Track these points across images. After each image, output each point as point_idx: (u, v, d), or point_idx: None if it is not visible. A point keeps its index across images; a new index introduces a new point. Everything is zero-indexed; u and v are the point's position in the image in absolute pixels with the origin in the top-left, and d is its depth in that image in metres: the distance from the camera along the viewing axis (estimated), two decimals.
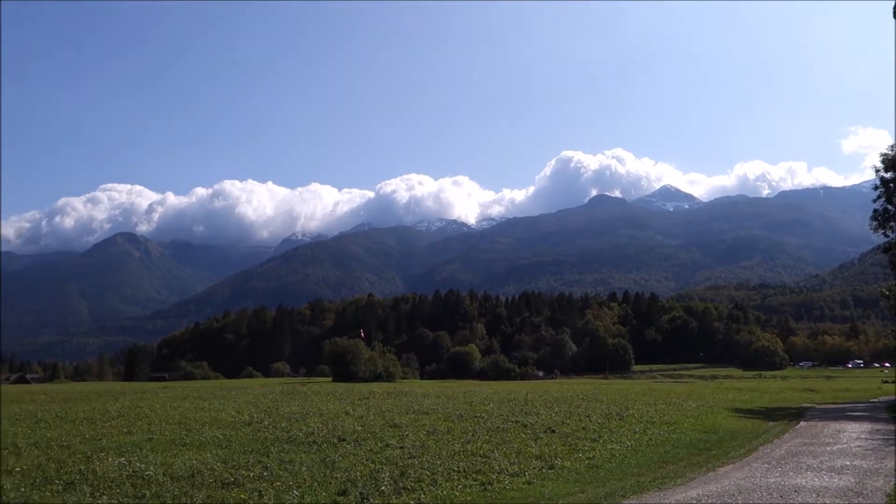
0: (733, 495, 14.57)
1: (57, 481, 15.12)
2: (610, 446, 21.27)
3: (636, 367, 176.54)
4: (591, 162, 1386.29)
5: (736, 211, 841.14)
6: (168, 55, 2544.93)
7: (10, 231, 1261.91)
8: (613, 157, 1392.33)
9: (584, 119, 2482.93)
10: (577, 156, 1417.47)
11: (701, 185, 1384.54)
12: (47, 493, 13.94)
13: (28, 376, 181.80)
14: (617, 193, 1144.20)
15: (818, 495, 14.53)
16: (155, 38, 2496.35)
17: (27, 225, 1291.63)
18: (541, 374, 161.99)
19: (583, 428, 25.80)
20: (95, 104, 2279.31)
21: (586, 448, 20.69)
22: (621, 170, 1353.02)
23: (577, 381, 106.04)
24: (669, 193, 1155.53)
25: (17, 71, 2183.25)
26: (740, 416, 33.44)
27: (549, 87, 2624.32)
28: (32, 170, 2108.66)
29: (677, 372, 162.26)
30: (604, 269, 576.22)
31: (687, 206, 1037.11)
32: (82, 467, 16.60)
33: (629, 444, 22.08)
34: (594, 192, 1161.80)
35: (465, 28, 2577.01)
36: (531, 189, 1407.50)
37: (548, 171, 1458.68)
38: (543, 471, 17.14)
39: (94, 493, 14.06)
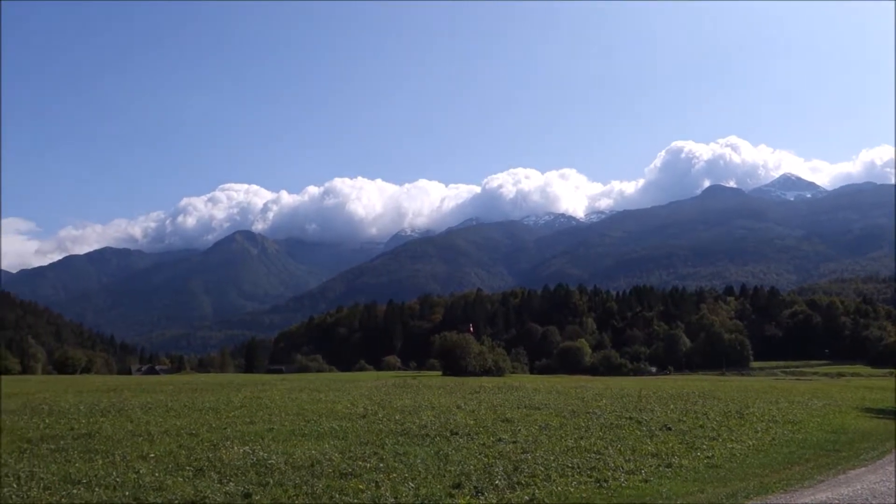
0: (867, 500, 13.77)
1: (187, 468, 15.91)
2: (730, 445, 20.53)
3: (755, 364, 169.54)
4: (703, 151, 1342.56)
5: (862, 199, 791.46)
6: (283, 58, 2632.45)
7: (136, 230, 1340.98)
8: (727, 146, 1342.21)
9: (695, 107, 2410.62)
10: (689, 146, 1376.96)
11: (824, 173, 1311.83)
12: (179, 479, 14.68)
13: (157, 368, 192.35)
14: (732, 184, 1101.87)
15: None
16: (271, 42, 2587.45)
17: (153, 224, 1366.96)
18: (653, 370, 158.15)
19: (700, 426, 25.01)
20: (214, 107, 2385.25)
21: (705, 447, 20.04)
22: (736, 159, 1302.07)
23: (692, 378, 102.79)
24: (789, 182, 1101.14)
25: (141, 74, 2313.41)
26: (871, 417, 31.55)
27: (657, 76, 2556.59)
28: (157, 172, 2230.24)
29: (800, 369, 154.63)
30: (719, 262, 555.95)
31: (809, 195, 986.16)
32: (210, 455, 17.40)
33: (750, 443, 21.24)
34: (707, 183, 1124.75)
35: (569, 19, 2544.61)
36: (641, 181, 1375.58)
37: (658, 162, 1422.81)
38: (660, 469, 16.72)
39: (221, 480, 14.72)
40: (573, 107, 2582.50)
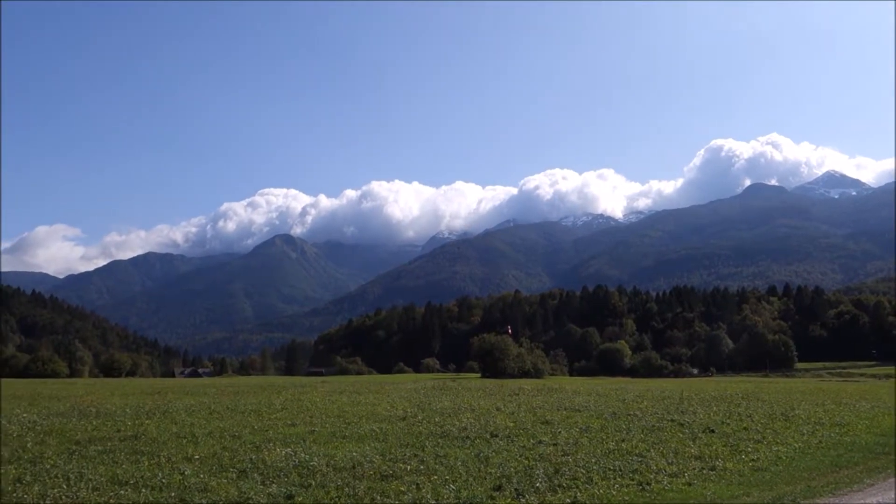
0: None
1: (231, 469, 16.12)
2: (775, 448, 20.16)
3: (800, 365, 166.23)
4: (743, 150, 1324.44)
5: None
6: (320, 64, 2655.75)
7: (178, 235, 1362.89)
8: (768, 144, 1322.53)
9: (734, 105, 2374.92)
10: (729, 144, 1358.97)
11: (869, 170, 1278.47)
12: (223, 480, 14.87)
13: (200, 370, 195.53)
14: (774, 182, 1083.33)
15: None
16: (308, 48, 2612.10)
17: (194, 229, 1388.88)
18: (695, 371, 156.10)
19: (744, 428, 24.62)
20: (253, 114, 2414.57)
21: (749, 449, 19.72)
22: (778, 156, 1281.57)
23: (735, 380, 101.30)
24: (834, 179, 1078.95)
25: (183, 83, 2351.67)
26: None
27: (695, 74, 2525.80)
28: (198, 178, 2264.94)
29: (846, 370, 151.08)
30: (761, 261, 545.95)
31: (854, 193, 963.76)
32: (253, 456, 17.61)
33: (796, 446, 20.84)
34: (748, 182, 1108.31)
35: (603, 18, 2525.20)
36: (679, 181, 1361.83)
37: (697, 161, 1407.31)
38: (704, 472, 16.48)
39: (264, 481, 14.88)
40: (610, 106, 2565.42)
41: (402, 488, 14.25)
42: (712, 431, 23.41)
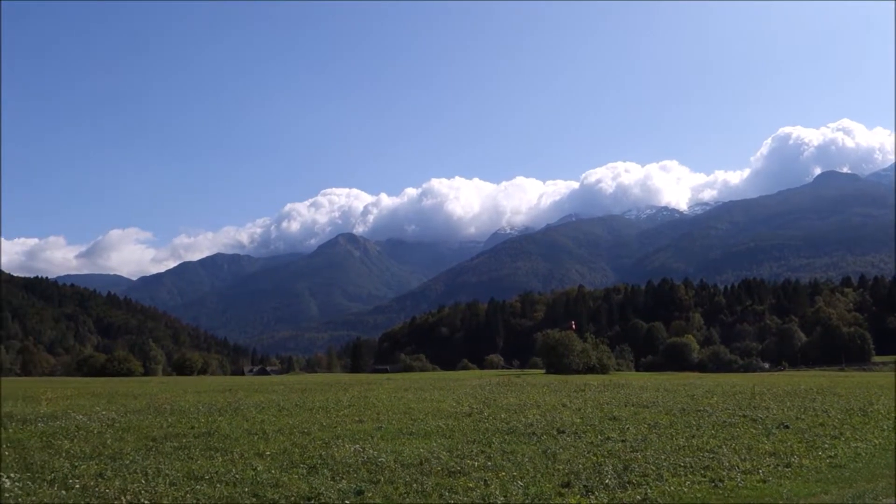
0: None
1: (301, 465, 16.37)
2: (854, 444, 19.48)
3: (877, 359, 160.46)
4: (812, 137, 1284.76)
5: None
6: (377, 64, 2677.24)
7: (244, 236, 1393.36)
8: (839, 130, 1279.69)
9: (802, 91, 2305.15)
10: (797, 131, 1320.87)
11: None
12: (294, 476, 15.13)
13: (268, 368, 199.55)
14: (846, 169, 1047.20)
15: None
16: (368, 49, 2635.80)
17: (259, 230, 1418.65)
18: (766, 365, 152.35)
19: (821, 424, 23.86)
20: (314, 116, 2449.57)
21: (826, 446, 19.10)
22: (850, 143, 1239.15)
23: (808, 374, 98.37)
24: None
25: (245, 89, 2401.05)
26: None
27: (761, 61, 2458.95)
28: (262, 180, 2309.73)
29: None
30: (835, 252, 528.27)
31: None
32: (322, 453, 17.86)
33: (876, 442, 20.08)
34: (818, 170, 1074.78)
35: (666, 7, 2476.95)
36: (746, 171, 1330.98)
37: (764, 150, 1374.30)
38: (779, 469, 16.04)
39: (334, 477, 15.08)
40: (673, 97, 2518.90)
41: (469, 484, 14.26)
42: (786, 427, 22.77)
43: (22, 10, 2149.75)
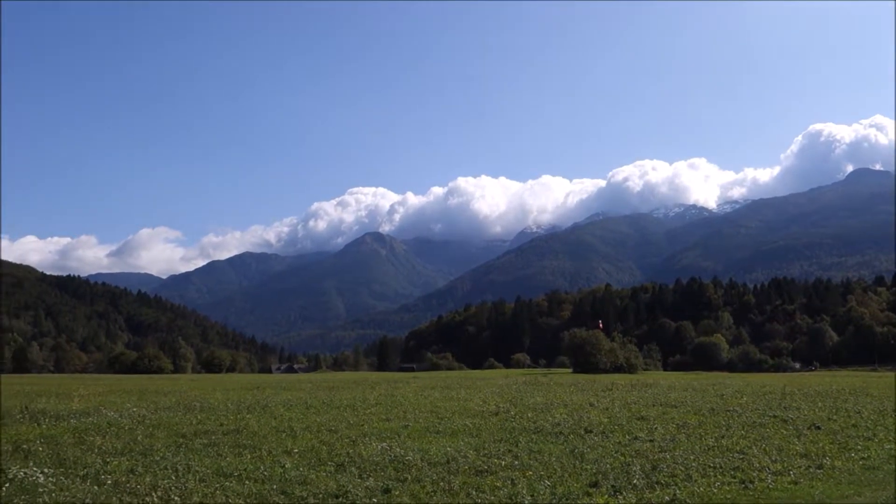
0: None
1: (329, 463, 16.49)
2: (888, 446, 19.15)
3: None
4: (844, 134, 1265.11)
5: None
6: (405, 63, 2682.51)
7: (271, 235, 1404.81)
8: (872, 126, 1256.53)
9: (833, 87, 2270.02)
10: (828, 128, 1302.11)
11: None
12: (322, 474, 15.24)
13: (295, 366, 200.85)
14: (879, 167, 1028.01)
15: None
16: (394, 48, 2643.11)
17: (286, 229, 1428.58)
18: (797, 365, 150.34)
19: (853, 425, 23.50)
20: (340, 115, 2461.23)
21: (859, 447, 18.81)
22: (882, 140, 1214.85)
23: (840, 374, 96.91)
24: None
25: (272, 89, 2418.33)
26: None
27: (790, 56, 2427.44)
28: (289, 179, 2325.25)
29: None
30: (867, 250, 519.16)
31: None
32: (350, 451, 17.96)
33: None
34: (850, 168, 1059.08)
35: (691, 4, 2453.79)
36: (776, 168, 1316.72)
37: (794, 147, 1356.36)
38: (811, 470, 15.83)
39: (361, 475, 15.16)
40: (702, 94, 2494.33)
41: (497, 484, 14.26)
42: (818, 428, 22.47)
43: (54, 8, 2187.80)
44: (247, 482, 14.45)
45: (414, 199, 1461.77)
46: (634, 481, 14.39)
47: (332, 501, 13.08)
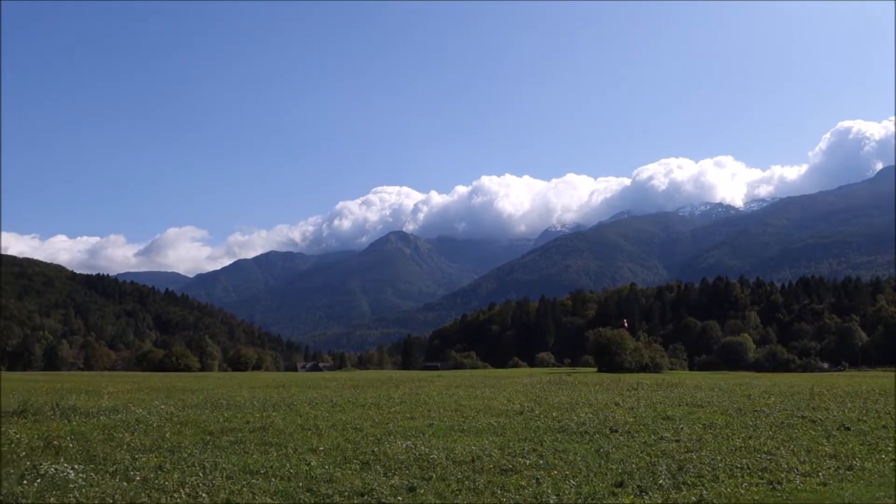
0: None
1: (354, 461, 16.54)
2: None
3: None
4: (874, 130, 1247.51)
5: None
6: (424, 59, 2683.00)
7: (296, 234, 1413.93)
8: None
9: (862, 84, 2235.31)
10: (857, 125, 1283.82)
11: None
12: (347, 472, 15.29)
13: (320, 365, 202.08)
14: None
15: None
16: (412, 42, 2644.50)
17: (311, 228, 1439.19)
18: (825, 365, 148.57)
19: (883, 426, 23.12)
20: (363, 113, 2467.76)
21: (890, 449, 18.49)
22: None
23: (869, 374, 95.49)
24: None
25: (298, 89, 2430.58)
26: None
27: (818, 51, 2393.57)
28: (314, 178, 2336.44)
29: None
30: None
31: None
32: (374, 449, 18.01)
33: None
34: (880, 165, 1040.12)
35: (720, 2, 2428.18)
36: (804, 166, 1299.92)
37: (823, 144, 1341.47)
38: (840, 472, 15.61)
39: (386, 473, 15.19)
40: (728, 90, 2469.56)
41: (522, 483, 14.22)
42: (847, 429, 22.15)
43: (79, 9, 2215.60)
44: (273, 479, 14.55)
45: (438, 198, 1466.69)
46: (660, 481, 14.28)
47: (358, 499, 13.12)
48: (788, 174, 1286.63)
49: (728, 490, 13.77)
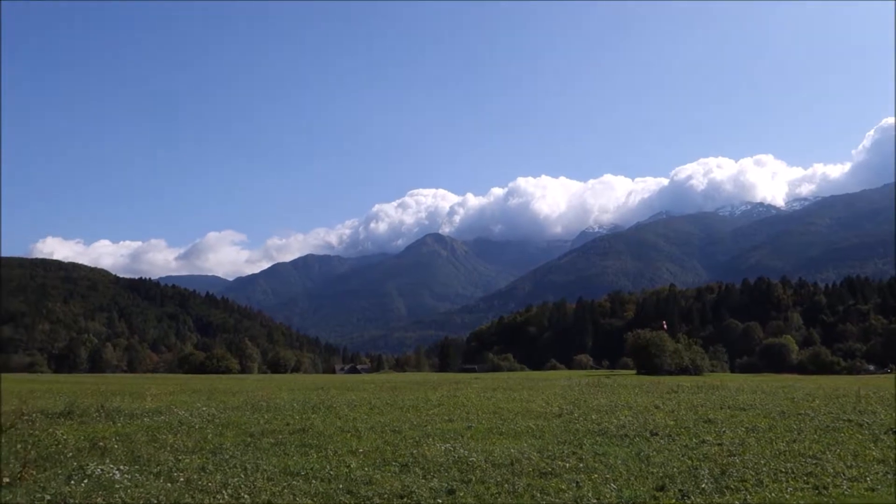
0: None
1: (393, 463, 16.59)
2: None
3: None
4: None
5: None
6: (459, 62, 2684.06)
7: (333, 238, 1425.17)
8: None
9: None
10: None
11: None
12: (387, 474, 15.35)
13: (358, 367, 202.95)
14: None
15: None
16: (448, 45, 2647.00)
17: (348, 231, 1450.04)
18: (871, 367, 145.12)
19: None
20: (400, 118, 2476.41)
21: None
22: None
23: None
24: None
25: (335, 94, 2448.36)
26: None
27: (861, 46, 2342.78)
28: (351, 181, 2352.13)
29: None
30: None
31: None
32: (413, 451, 18.04)
33: None
34: None
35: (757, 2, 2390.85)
36: (847, 164, 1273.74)
37: (867, 142, 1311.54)
38: (889, 477, 15.23)
39: (425, 476, 15.21)
40: (768, 88, 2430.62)
41: (562, 486, 14.14)
42: None
43: (129, 10, 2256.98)
44: (313, 481, 14.66)
45: (474, 200, 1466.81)
46: (703, 485, 14.08)
47: (397, 501, 13.15)
48: (831, 172, 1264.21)
49: (773, 495, 13.54)
